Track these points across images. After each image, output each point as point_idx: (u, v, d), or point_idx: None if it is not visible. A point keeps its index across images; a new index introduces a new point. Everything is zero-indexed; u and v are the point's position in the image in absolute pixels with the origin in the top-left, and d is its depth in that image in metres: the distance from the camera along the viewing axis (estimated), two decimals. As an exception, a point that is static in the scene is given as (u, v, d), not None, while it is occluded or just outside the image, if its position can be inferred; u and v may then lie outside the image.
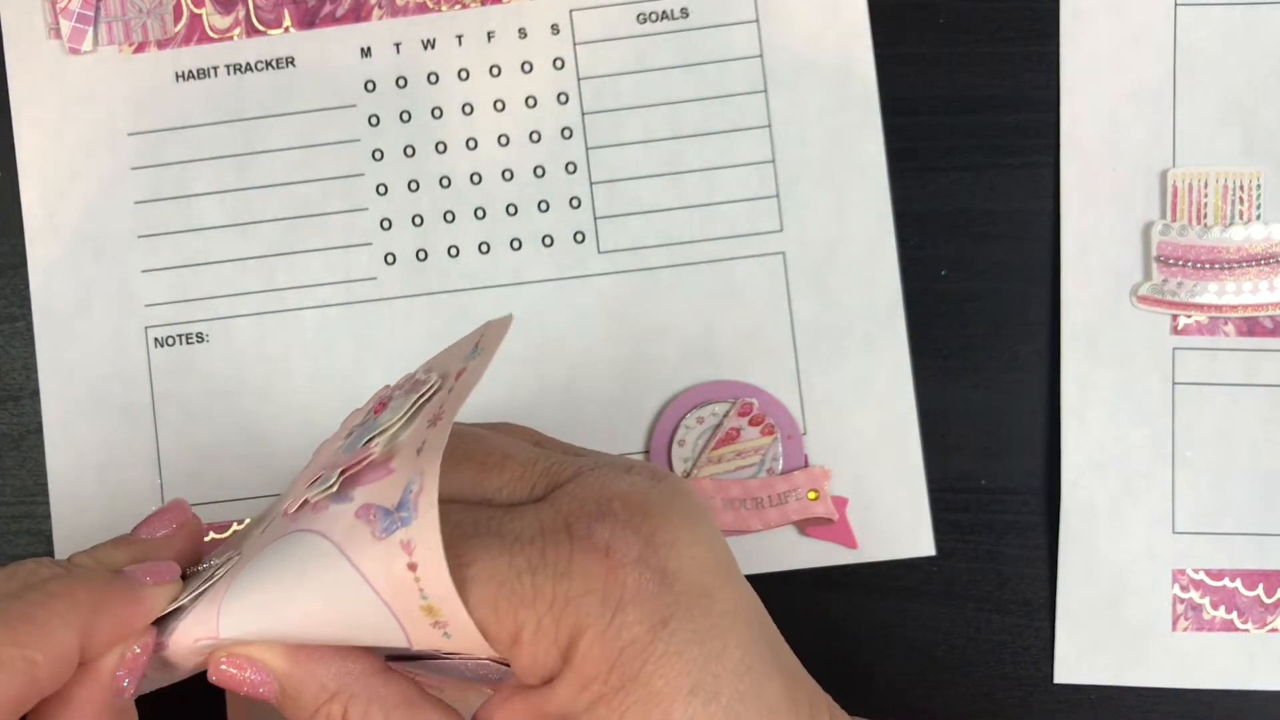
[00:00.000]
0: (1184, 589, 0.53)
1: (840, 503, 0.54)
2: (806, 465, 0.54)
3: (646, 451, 0.55)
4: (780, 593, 0.54)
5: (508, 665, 0.39)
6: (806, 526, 0.54)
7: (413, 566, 0.36)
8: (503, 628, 0.37)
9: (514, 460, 0.40)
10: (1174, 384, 0.53)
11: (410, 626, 0.37)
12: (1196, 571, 0.53)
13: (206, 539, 0.54)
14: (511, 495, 0.40)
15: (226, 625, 0.38)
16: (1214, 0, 0.53)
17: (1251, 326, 0.53)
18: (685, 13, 0.56)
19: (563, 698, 0.37)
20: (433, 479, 0.36)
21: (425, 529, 0.36)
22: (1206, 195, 0.53)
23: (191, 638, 0.39)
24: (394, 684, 0.39)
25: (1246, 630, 0.53)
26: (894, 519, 0.54)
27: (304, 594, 0.38)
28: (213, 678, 0.40)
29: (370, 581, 0.37)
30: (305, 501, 0.39)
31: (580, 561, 0.37)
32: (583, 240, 0.56)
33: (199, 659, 0.40)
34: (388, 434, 0.39)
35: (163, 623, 0.40)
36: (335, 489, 0.39)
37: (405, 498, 0.36)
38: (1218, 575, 0.53)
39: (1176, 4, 0.54)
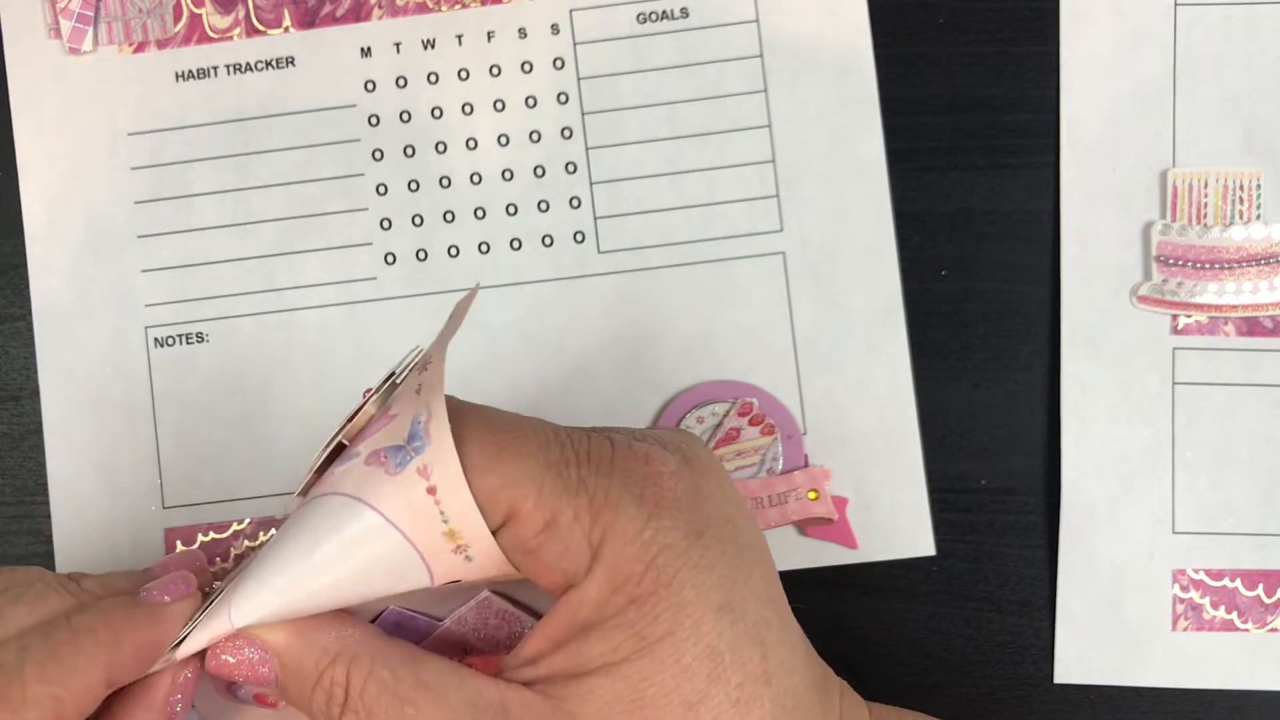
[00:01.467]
0: (1184, 589, 0.53)
1: (840, 503, 0.54)
2: (806, 465, 0.54)
3: (647, 452, 0.55)
4: (780, 592, 0.54)
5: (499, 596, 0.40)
6: (806, 526, 0.54)
7: (431, 490, 0.37)
8: (541, 508, 0.37)
9: (541, 425, 0.41)
10: (1174, 384, 0.53)
11: (432, 558, 0.38)
12: (1196, 571, 0.53)
13: (206, 538, 0.55)
14: None
15: (239, 615, 0.39)
16: (1214, 0, 0.54)
17: (1251, 326, 0.53)
18: (685, 13, 0.56)
19: (595, 599, 0.37)
20: (440, 405, 0.37)
21: (440, 450, 0.36)
22: (1206, 195, 0.53)
23: (205, 642, 0.39)
24: (396, 643, 0.39)
25: (1246, 630, 0.53)
26: (894, 519, 0.54)
27: (321, 552, 0.38)
28: (210, 667, 0.40)
29: (390, 518, 0.37)
30: (308, 484, 0.40)
31: (622, 463, 0.38)
32: (582, 240, 0.56)
33: None
34: (378, 395, 0.39)
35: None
36: (332, 447, 0.39)
37: (414, 429, 0.37)
38: (1218, 575, 0.53)
39: (1176, 4, 0.54)
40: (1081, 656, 0.53)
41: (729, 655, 0.38)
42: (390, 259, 0.56)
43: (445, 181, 0.56)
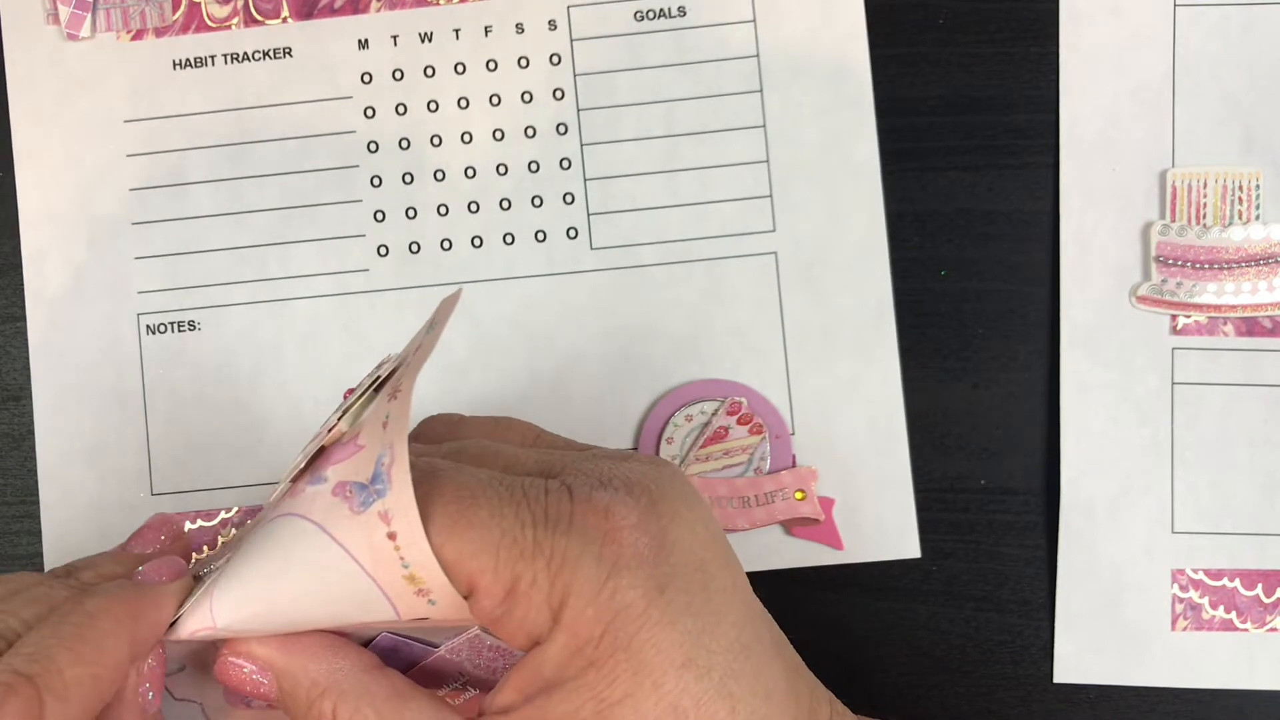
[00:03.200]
0: (1183, 589, 0.53)
1: (827, 503, 0.54)
2: (794, 465, 0.54)
3: (635, 448, 0.54)
4: (779, 592, 0.54)
5: (488, 633, 0.39)
6: (793, 526, 0.54)
7: (392, 536, 0.36)
8: (499, 579, 0.37)
9: (509, 455, 0.41)
10: (1173, 384, 0.53)
11: (395, 597, 0.37)
12: (1196, 571, 0.53)
13: (194, 525, 0.54)
14: None
15: (220, 613, 0.38)
16: (1213, 1, 0.54)
17: (1250, 326, 0.53)
18: (682, 11, 0.56)
19: (555, 661, 0.37)
20: (402, 449, 0.36)
21: (400, 498, 0.36)
22: (1206, 195, 0.53)
23: (189, 631, 0.39)
24: (383, 679, 0.39)
25: (1246, 630, 0.53)
26: (880, 520, 0.54)
27: (292, 575, 0.38)
28: (218, 674, 0.39)
29: (354, 555, 0.37)
30: (284, 490, 0.39)
31: (580, 521, 0.37)
32: (575, 236, 0.55)
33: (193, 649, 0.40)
34: (350, 412, 0.39)
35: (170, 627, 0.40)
36: (303, 466, 0.39)
37: (378, 470, 0.37)
38: (1217, 575, 0.53)
39: (1176, 4, 0.54)
40: (1081, 656, 0.53)
41: (693, 712, 0.37)
42: (383, 251, 0.55)
43: (439, 175, 0.56)
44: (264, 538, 0.38)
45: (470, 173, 0.56)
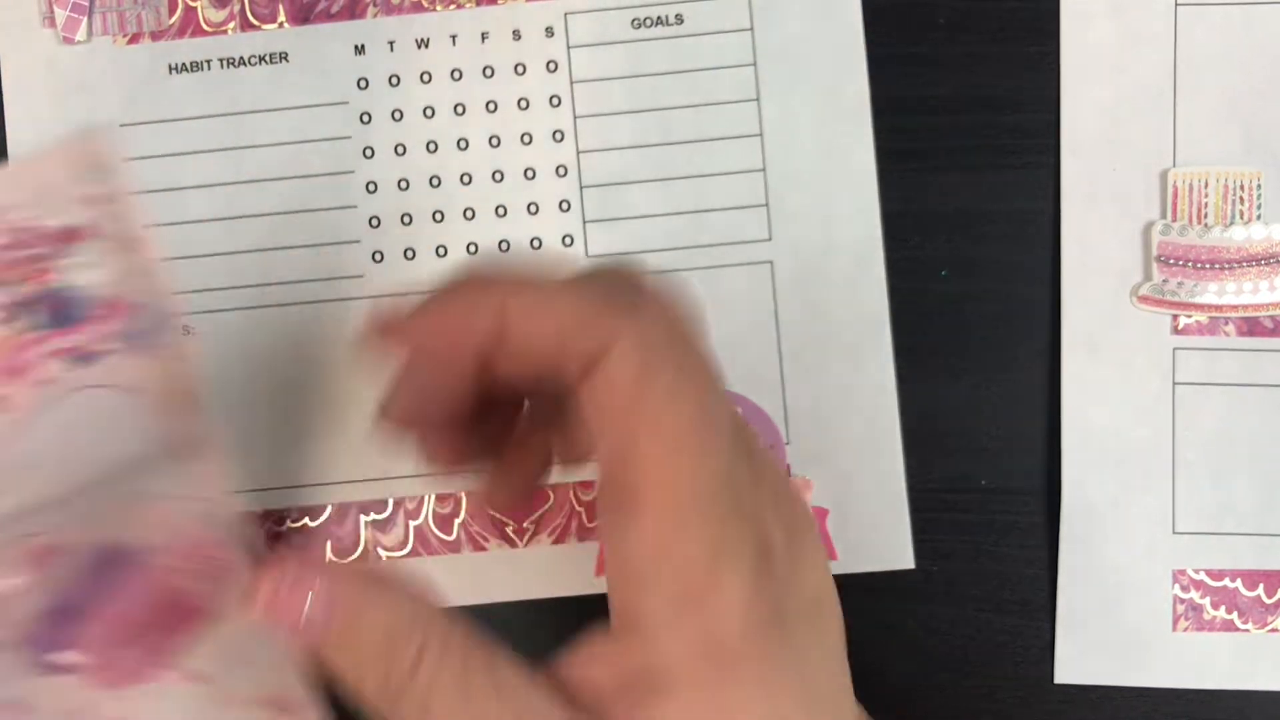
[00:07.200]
0: (1184, 589, 0.53)
1: (820, 514, 0.54)
2: (789, 475, 0.54)
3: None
4: (779, 593, 0.54)
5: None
6: (789, 535, 0.54)
7: None
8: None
9: None
10: (1174, 384, 0.53)
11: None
12: (1197, 572, 0.53)
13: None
14: None
15: None
16: (1214, 0, 0.54)
17: (1252, 326, 0.53)
18: (680, 19, 0.55)
19: (675, 655, 0.33)
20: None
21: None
22: (1207, 195, 0.53)
23: None
24: (469, 633, 0.35)
25: (1247, 630, 0.53)
26: (874, 531, 0.54)
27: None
28: (264, 606, 0.34)
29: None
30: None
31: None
32: (571, 244, 0.55)
33: None
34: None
35: None
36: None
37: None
38: (1218, 575, 0.53)
39: (1176, 4, 0.54)
40: (1082, 657, 0.53)
41: None
42: (378, 257, 0.55)
43: (435, 181, 0.55)
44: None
45: (466, 179, 0.55)
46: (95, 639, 0.43)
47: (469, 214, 0.55)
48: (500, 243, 0.55)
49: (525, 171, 0.55)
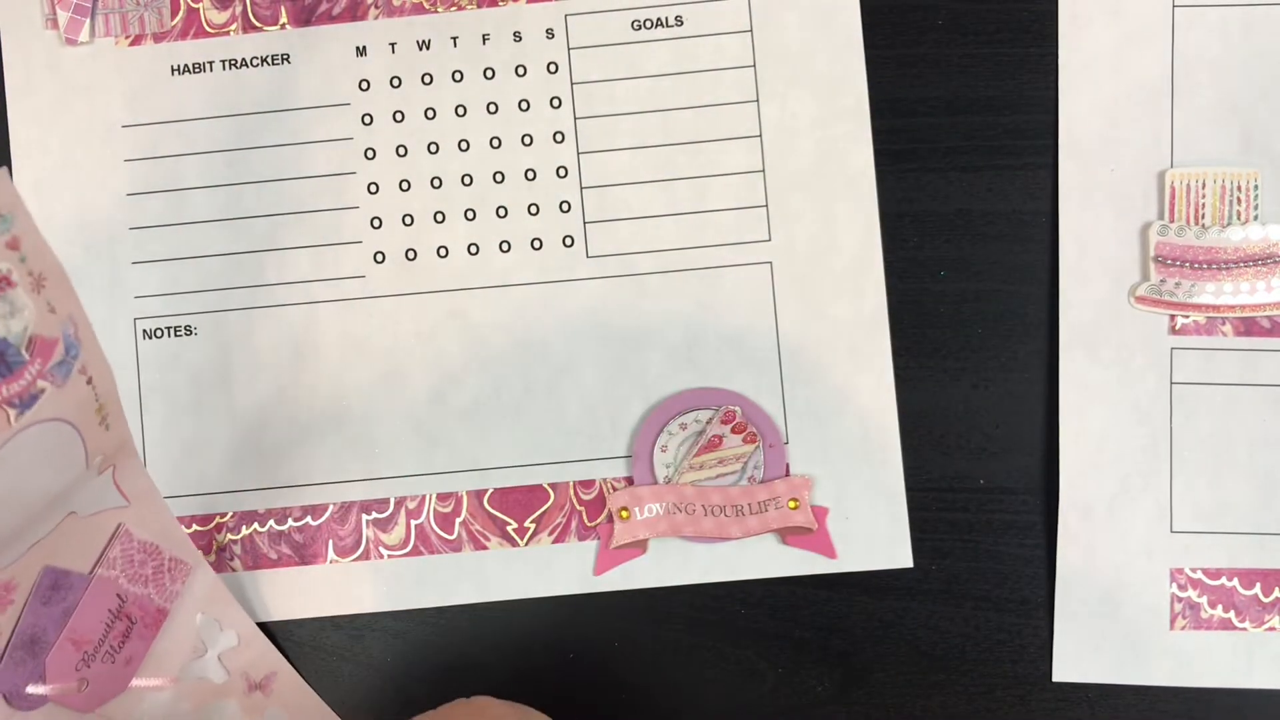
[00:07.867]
0: (1182, 588, 0.53)
1: (820, 513, 0.54)
2: (788, 474, 0.54)
3: (629, 456, 0.54)
4: (780, 592, 0.54)
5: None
6: (786, 535, 0.54)
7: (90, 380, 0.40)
8: None
9: None
10: (1172, 384, 0.54)
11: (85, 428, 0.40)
12: (1194, 570, 0.53)
13: (189, 530, 0.54)
14: None
15: None
16: (1212, 2, 0.54)
17: (1249, 326, 0.53)
18: (680, 20, 0.56)
19: None
20: (82, 313, 0.39)
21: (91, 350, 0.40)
22: (1204, 196, 0.53)
23: None
24: None
25: (1244, 629, 0.53)
26: (873, 530, 0.54)
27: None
28: None
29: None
30: None
31: None
32: (571, 244, 0.55)
33: None
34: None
35: None
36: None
37: (68, 339, 0.40)
38: (1215, 574, 0.53)
39: (1175, 5, 0.54)
40: (1080, 655, 0.53)
41: None
42: (379, 258, 0.55)
43: (436, 182, 0.56)
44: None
45: (467, 180, 0.56)
46: (64, 664, 0.43)
47: (470, 215, 0.55)
48: (501, 243, 0.55)
49: (526, 172, 0.56)
